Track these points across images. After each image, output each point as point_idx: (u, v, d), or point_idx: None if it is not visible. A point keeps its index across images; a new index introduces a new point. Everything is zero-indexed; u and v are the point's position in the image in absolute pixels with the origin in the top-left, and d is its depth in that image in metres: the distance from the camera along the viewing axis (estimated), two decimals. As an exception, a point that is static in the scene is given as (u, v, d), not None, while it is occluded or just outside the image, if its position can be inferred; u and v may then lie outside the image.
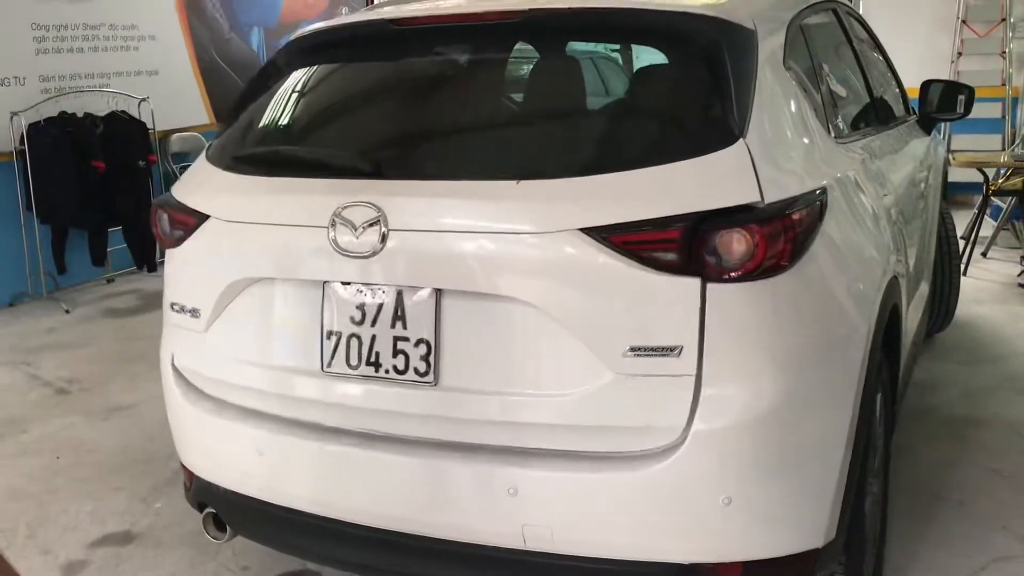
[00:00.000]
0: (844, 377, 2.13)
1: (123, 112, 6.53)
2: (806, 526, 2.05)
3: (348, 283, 2.13)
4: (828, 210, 2.11)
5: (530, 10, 2.29)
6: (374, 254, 2.05)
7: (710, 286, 1.88)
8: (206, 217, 2.32)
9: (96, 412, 4.29)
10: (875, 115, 3.33)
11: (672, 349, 1.90)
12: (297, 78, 2.61)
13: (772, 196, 1.94)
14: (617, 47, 3.73)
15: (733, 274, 1.88)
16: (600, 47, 3.67)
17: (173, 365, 2.47)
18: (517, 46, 2.57)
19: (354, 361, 2.13)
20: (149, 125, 6.64)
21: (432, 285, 2.05)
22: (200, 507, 2.50)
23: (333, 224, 2.08)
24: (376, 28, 2.54)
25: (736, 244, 1.87)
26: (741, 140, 1.98)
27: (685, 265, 1.88)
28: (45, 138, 6.00)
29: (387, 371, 2.10)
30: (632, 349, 1.91)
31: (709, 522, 1.95)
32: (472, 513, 2.05)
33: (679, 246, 1.88)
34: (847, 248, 2.24)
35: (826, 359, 2.08)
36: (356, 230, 2.06)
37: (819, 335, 2.05)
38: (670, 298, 1.89)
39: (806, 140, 2.28)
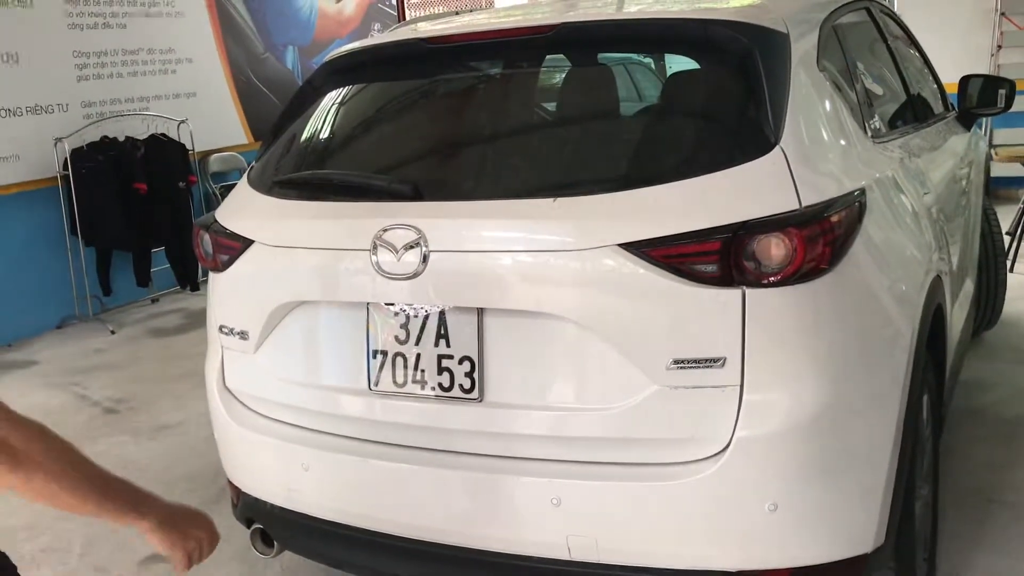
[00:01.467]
0: (889, 379, 2.10)
1: (163, 135, 6.65)
2: (854, 531, 2.02)
3: (392, 303, 2.15)
4: (867, 211, 2.09)
5: (563, 23, 2.30)
6: (415, 275, 2.07)
7: (749, 292, 1.87)
8: (250, 242, 2.35)
9: (143, 431, 4.36)
10: (913, 113, 3.29)
11: (716, 360, 1.89)
12: (333, 99, 2.64)
13: (810, 199, 1.92)
14: (651, 55, 3.72)
15: (772, 279, 1.87)
16: (635, 55, 3.67)
17: (225, 386, 2.50)
18: (549, 60, 2.58)
19: (400, 379, 2.16)
20: (188, 146, 6.75)
21: (473, 304, 2.06)
22: (248, 523, 2.53)
23: (375, 247, 2.11)
24: (410, 47, 2.56)
25: (775, 248, 1.86)
26: (777, 147, 1.96)
27: (726, 276, 1.88)
28: (88, 163, 6.13)
29: (433, 388, 2.12)
30: (675, 362, 1.91)
31: (755, 529, 1.93)
32: (517, 524, 2.05)
33: (719, 258, 1.88)
34: (888, 249, 2.22)
35: (870, 362, 2.06)
36: (397, 252, 2.08)
37: (862, 338, 2.03)
38: (712, 310, 1.89)
39: (843, 141, 2.26)
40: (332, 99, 2.64)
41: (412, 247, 2.07)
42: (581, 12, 2.50)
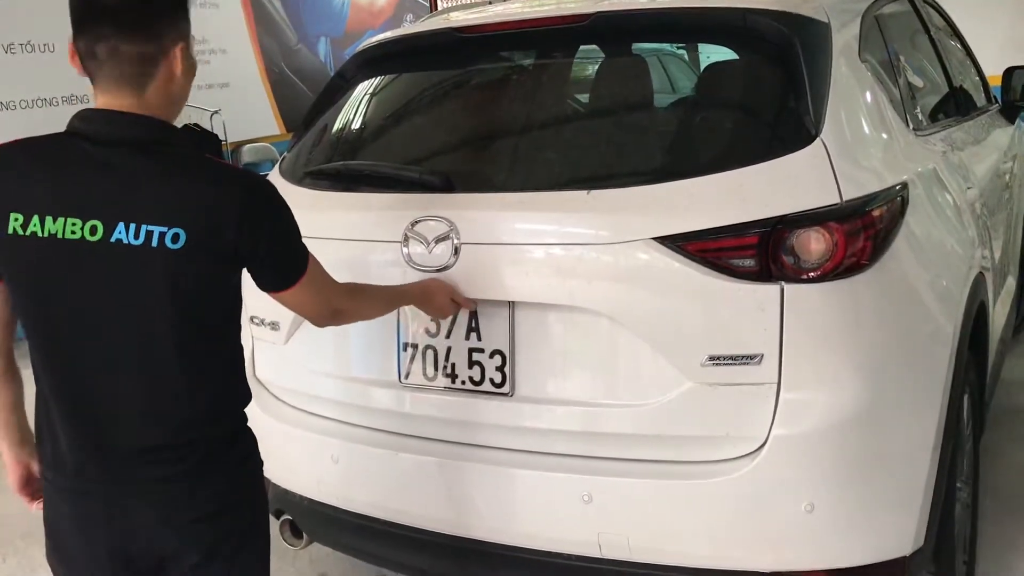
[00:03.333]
0: (930, 378, 2.05)
1: (196, 125, 6.63)
2: (893, 533, 1.97)
3: None
4: (909, 206, 2.04)
5: (597, 12, 2.26)
6: (446, 268, 2.05)
7: (788, 287, 1.83)
8: None
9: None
10: (955, 105, 3.22)
11: (752, 357, 1.85)
12: (364, 89, 2.62)
13: (851, 193, 1.88)
14: (684, 46, 3.68)
15: (812, 274, 1.82)
16: (666, 45, 3.62)
17: (255, 376, 2.50)
18: (584, 50, 2.54)
19: (431, 372, 2.14)
20: (221, 137, 6.77)
21: (504, 298, 2.04)
22: (277, 514, 2.52)
23: (406, 239, 2.09)
24: (442, 37, 2.53)
25: (814, 243, 1.82)
26: (818, 139, 1.91)
27: (764, 272, 1.83)
28: (122, 152, 6.16)
29: (463, 382, 2.10)
30: (711, 358, 1.86)
31: (791, 530, 1.89)
32: (547, 520, 2.03)
33: (757, 252, 1.83)
34: (930, 244, 2.17)
35: (910, 360, 2.01)
36: (428, 244, 2.07)
37: (903, 335, 1.98)
38: (749, 305, 1.84)
39: (884, 134, 2.21)
40: (364, 90, 2.62)
41: (443, 239, 2.05)
42: (616, 2, 2.46)
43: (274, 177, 2.53)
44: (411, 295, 2.01)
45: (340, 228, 2.26)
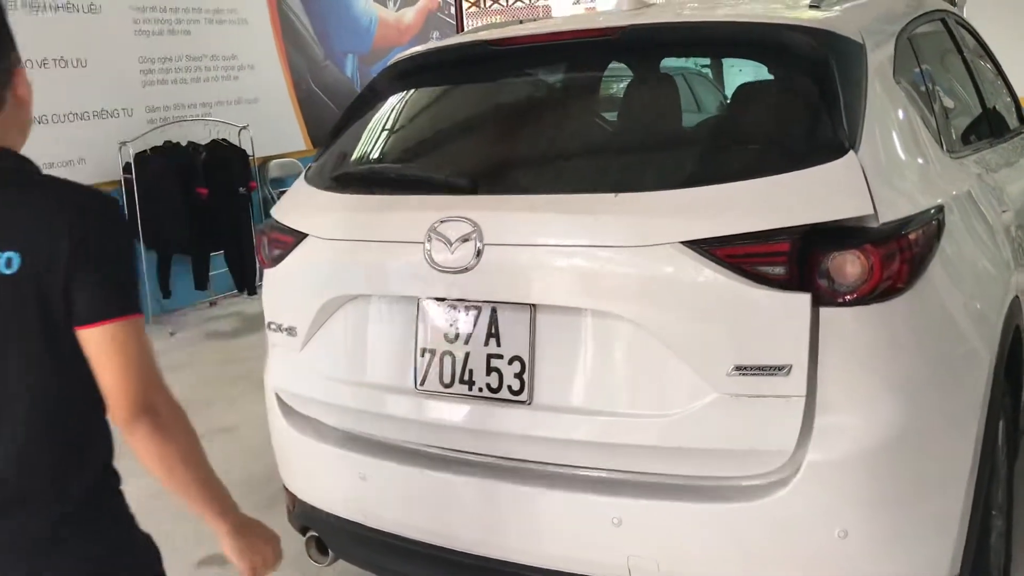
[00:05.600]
0: (965, 404, 2.02)
1: (224, 140, 6.73)
2: (928, 561, 1.94)
3: (443, 299, 2.12)
4: (945, 229, 2.01)
5: (629, 26, 2.26)
6: (468, 269, 2.03)
7: (824, 310, 1.81)
8: (304, 236, 2.34)
9: (199, 433, 4.37)
10: (988, 127, 3.18)
11: (780, 368, 1.81)
12: (394, 101, 2.64)
13: (887, 215, 1.86)
14: (708, 64, 3.68)
15: (848, 297, 1.80)
16: (691, 63, 3.62)
17: (269, 385, 2.50)
18: (613, 63, 2.54)
19: (447, 379, 2.11)
20: (249, 152, 6.83)
21: (527, 300, 2.01)
22: (303, 530, 2.52)
23: (429, 239, 2.07)
24: (474, 49, 2.54)
25: (850, 266, 1.80)
26: (852, 152, 1.89)
27: (794, 280, 1.80)
28: (151, 166, 6.23)
29: (480, 389, 2.07)
30: (737, 368, 1.82)
31: (825, 555, 1.86)
32: (576, 543, 2.01)
33: (787, 260, 1.80)
34: (966, 268, 2.14)
35: (946, 385, 1.98)
36: (451, 245, 2.04)
37: (939, 360, 1.96)
38: (778, 315, 1.81)
39: (920, 156, 2.19)
40: (394, 101, 2.64)
41: (466, 240, 2.03)
42: (648, 17, 2.46)
43: (299, 184, 2.54)
44: (228, 505, 1.58)
45: (362, 229, 2.25)
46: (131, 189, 6.19)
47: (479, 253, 2.02)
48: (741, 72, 2.76)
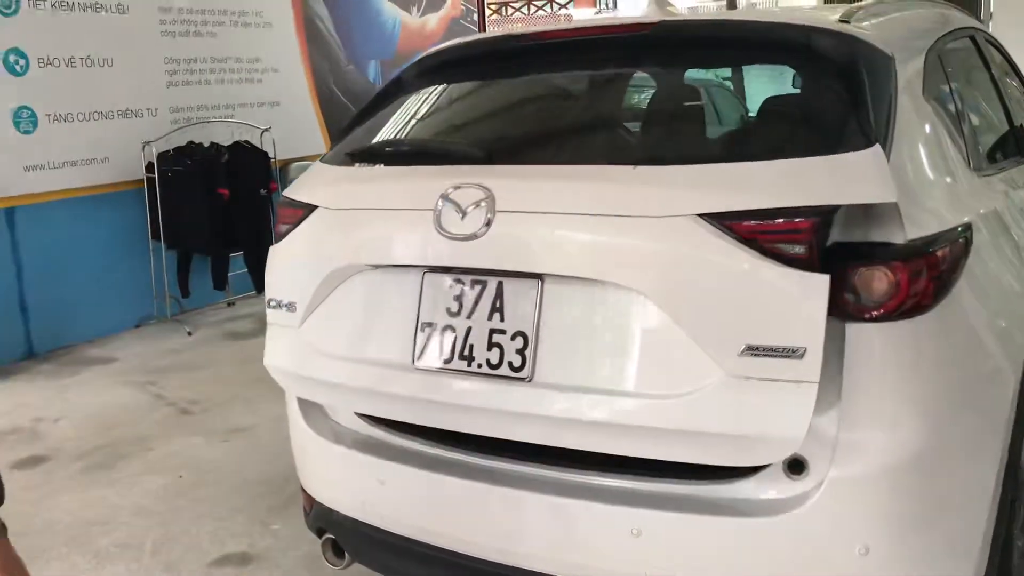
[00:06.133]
0: (990, 422, 2.01)
1: (246, 142, 6.77)
2: (949, 580, 1.93)
3: (449, 270, 2.08)
4: (973, 247, 2.01)
5: (660, 22, 2.27)
6: (477, 236, 1.98)
7: (849, 326, 1.80)
8: (312, 208, 2.31)
9: (216, 433, 4.42)
10: (1015, 146, 3.17)
11: (794, 351, 1.74)
12: (418, 92, 2.65)
13: (914, 232, 1.85)
14: (730, 76, 3.67)
15: (874, 313, 1.80)
16: (712, 75, 3.62)
17: (267, 365, 2.47)
18: (643, 61, 2.55)
19: (446, 355, 2.06)
20: (271, 154, 6.86)
21: (536, 269, 1.96)
22: (319, 533, 2.53)
23: (439, 206, 2.03)
24: (503, 44, 2.59)
25: (877, 282, 1.79)
26: (877, 144, 1.86)
27: (812, 261, 1.75)
28: (174, 166, 6.27)
29: (480, 365, 2.02)
30: (749, 348, 1.77)
31: (845, 572, 1.85)
32: (595, 553, 2.00)
33: (807, 239, 1.75)
34: (992, 287, 2.13)
35: (971, 404, 1.97)
36: (462, 211, 2.00)
37: (964, 378, 1.95)
38: (794, 295, 1.74)
39: (948, 173, 2.18)
40: (417, 93, 2.65)
41: (478, 206, 1.99)
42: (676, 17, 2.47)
43: (314, 166, 2.54)
44: None
45: (373, 198, 2.23)
46: (153, 189, 6.23)
47: (490, 220, 1.97)
48: (763, 81, 2.76)
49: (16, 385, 5.31)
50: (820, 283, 1.74)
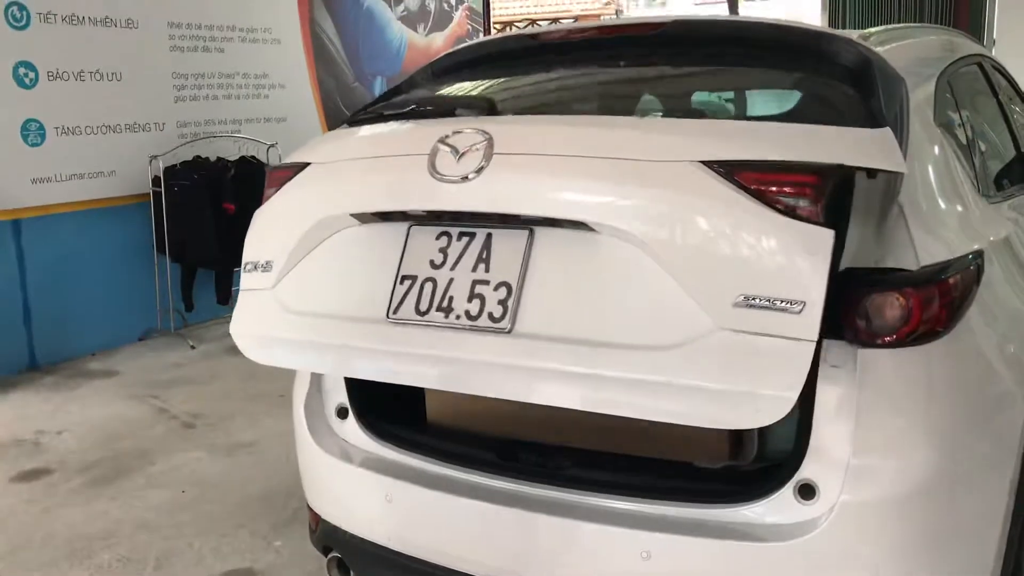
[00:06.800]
0: (1001, 448, 2.01)
1: (253, 157, 6.79)
2: (959, 609, 1.93)
3: (439, 218, 2.02)
4: (984, 274, 2.01)
5: (673, 20, 2.30)
6: (468, 179, 1.91)
7: (861, 351, 1.81)
8: (304, 165, 2.23)
9: (219, 447, 4.41)
10: (1022, 172, 3.18)
11: (792, 303, 1.64)
12: (429, 86, 2.68)
13: (927, 259, 1.86)
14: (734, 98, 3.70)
15: (886, 339, 1.80)
16: (717, 97, 3.64)
17: (239, 332, 2.37)
18: (655, 57, 2.58)
19: (423, 307, 1.97)
20: (276, 170, 6.86)
21: (528, 212, 1.89)
22: (325, 551, 2.52)
23: (435, 151, 1.96)
24: (517, 43, 2.66)
25: (889, 308, 1.80)
26: (889, 128, 1.84)
27: (818, 216, 1.68)
28: (180, 181, 6.28)
29: (458, 316, 1.92)
30: (745, 298, 1.68)
31: (855, 598, 1.85)
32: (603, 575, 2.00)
33: (813, 194, 1.68)
34: (1003, 313, 2.13)
35: (982, 430, 1.97)
36: (458, 154, 1.93)
37: (975, 404, 1.95)
38: (797, 247, 1.67)
39: (959, 200, 2.19)
40: (428, 87, 2.67)
41: (475, 149, 1.93)
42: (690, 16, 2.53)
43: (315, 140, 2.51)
44: None
45: (367, 147, 2.20)
46: (159, 202, 6.24)
47: (486, 162, 1.90)
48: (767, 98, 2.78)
49: (19, 397, 5.31)
50: (825, 237, 1.66)
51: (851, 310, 1.80)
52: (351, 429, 2.45)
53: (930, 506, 1.84)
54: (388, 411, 2.46)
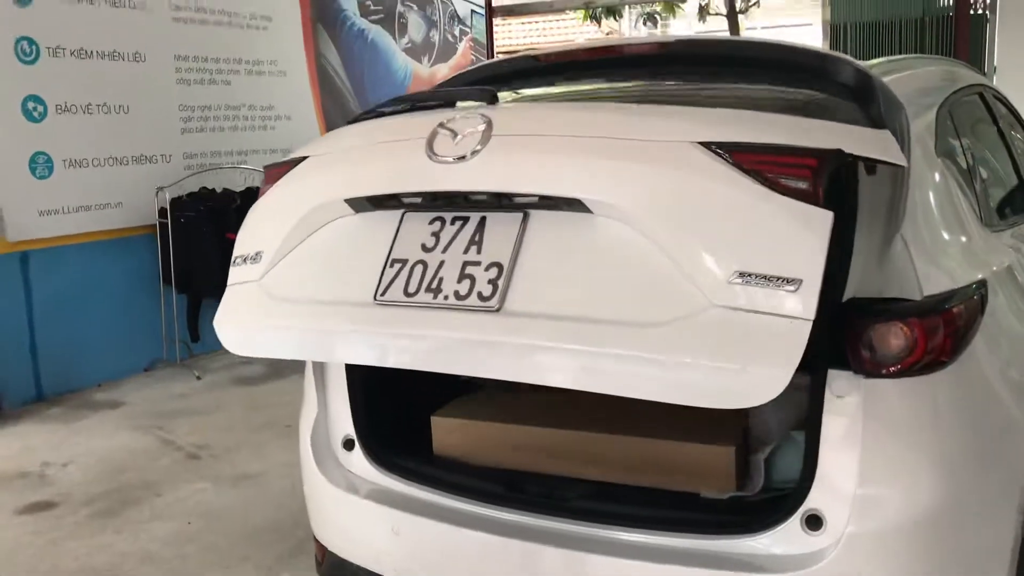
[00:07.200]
0: (1008, 478, 2.01)
1: (259, 188, 6.80)
2: (967, 642, 1.92)
3: (434, 200, 2.00)
4: (988, 303, 2.02)
5: (677, 40, 2.34)
6: (463, 159, 1.90)
7: (866, 382, 1.81)
8: (303, 159, 2.24)
9: (225, 479, 4.40)
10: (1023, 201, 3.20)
11: (789, 281, 1.62)
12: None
13: (930, 289, 1.87)
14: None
15: (891, 369, 1.81)
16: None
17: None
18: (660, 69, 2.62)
19: (412, 288, 1.93)
20: (282, 200, 6.90)
21: (525, 189, 1.89)
22: (333, 585, 2.51)
23: (434, 135, 1.96)
24: (523, 62, 2.71)
25: (894, 338, 1.80)
26: (888, 130, 1.88)
27: (817, 197, 1.65)
28: (186, 212, 6.32)
29: (446, 297, 1.89)
30: (740, 275, 1.64)
31: (863, 630, 1.84)
32: None
33: (812, 176, 1.65)
34: (1008, 343, 2.14)
35: (989, 459, 1.97)
36: (457, 136, 1.94)
37: (981, 434, 1.95)
38: (794, 225, 1.65)
39: (961, 229, 2.20)
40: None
41: (474, 131, 1.93)
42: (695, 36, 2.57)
43: None
44: None
45: (366, 135, 2.21)
46: (165, 233, 6.27)
47: (484, 143, 1.90)
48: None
49: (25, 429, 5.31)
50: (823, 217, 1.64)
51: (855, 340, 1.81)
52: (357, 460, 2.45)
53: (938, 536, 1.84)
54: (394, 442, 2.47)
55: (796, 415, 2.14)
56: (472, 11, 10.33)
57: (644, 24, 21.75)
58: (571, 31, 22.10)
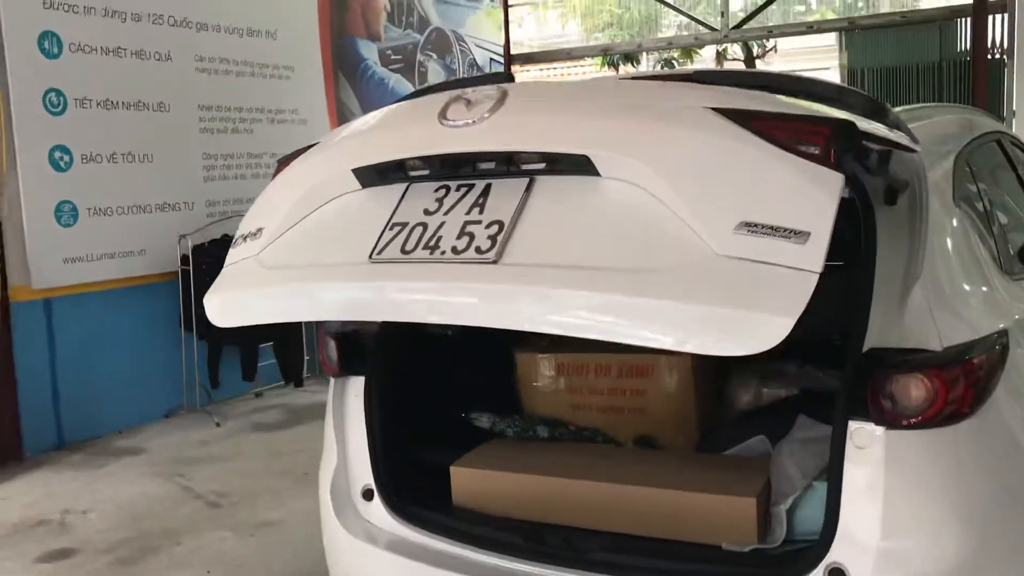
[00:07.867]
0: (1032, 530, 1.98)
1: (279, 235, 6.88)
2: None
3: (443, 167, 1.98)
4: (1009, 352, 2.01)
5: (697, 71, 2.33)
6: (475, 123, 1.91)
7: (888, 433, 1.80)
8: (312, 146, 2.26)
9: (244, 527, 4.39)
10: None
11: (797, 233, 1.60)
12: None
13: (951, 339, 1.87)
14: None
15: (912, 420, 1.80)
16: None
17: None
18: None
19: (410, 247, 1.90)
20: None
21: (535, 147, 1.88)
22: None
23: (448, 105, 1.97)
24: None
25: (915, 389, 1.80)
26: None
27: (828, 158, 1.65)
28: (208, 258, 6.36)
29: (443, 252, 1.85)
30: (746, 225, 1.63)
31: None
32: None
33: (824, 142, 1.66)
34: (1030, 392, 2.12)
35: (1011, 511, 1.95)
36: (471, 105, 1.95)
37: (1004, 485, 1.93)
38: (805, 181, 1.65)
39: (981, 278, 2.20)
40: None
41: (488, 98, 1.95)
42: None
43: None
44: None
45: (381, 116, 2.25)
46: (187, 280, 6.33)
47: (496, 109, 1.92)
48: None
49: (45, 475, 5.33)
50: (835, 179, 1.64)
51: (876, 391, 1.80)
52: (377, 511, 2.45)
53: (963, 590, 1.82)
54: (414, 493, 2.47)
55: (818, 466, 2.12)
56: (491, 59, 10.46)
57: (662, 70, 22.01)
58: (587, 71, 22.35)
